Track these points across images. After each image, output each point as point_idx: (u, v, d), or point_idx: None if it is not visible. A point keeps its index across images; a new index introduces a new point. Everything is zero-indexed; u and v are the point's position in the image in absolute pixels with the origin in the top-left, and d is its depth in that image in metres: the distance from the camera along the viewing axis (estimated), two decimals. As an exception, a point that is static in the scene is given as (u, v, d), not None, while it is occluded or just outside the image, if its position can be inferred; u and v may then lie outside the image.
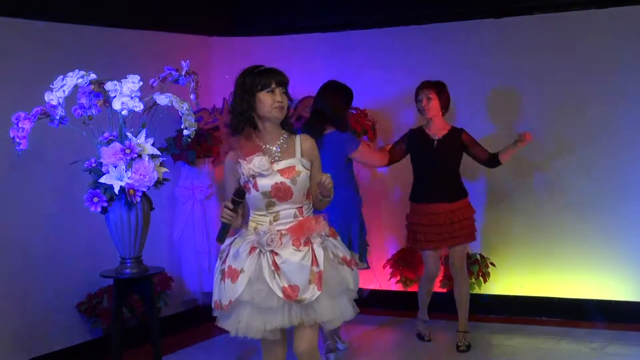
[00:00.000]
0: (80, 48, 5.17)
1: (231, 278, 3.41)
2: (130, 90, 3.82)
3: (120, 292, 4.16)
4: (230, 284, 3.41)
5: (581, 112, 5.81)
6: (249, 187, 3.45)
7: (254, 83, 3.44)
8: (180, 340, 5.62)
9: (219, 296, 3.49)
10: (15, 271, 4.80)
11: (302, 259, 3.38)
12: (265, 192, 3.42)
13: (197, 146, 5.80)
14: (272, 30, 6.52)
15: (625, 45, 5.66)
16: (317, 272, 3.38)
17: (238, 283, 3.39)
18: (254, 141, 3.48)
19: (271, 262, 3.37)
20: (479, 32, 6.04)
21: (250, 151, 3.44)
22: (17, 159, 3.81)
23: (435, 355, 5.25)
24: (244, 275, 3.39)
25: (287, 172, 3.44)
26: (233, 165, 3.49)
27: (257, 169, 3.40)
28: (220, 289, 3.48)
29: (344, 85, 5.16)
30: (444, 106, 5.24)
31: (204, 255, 5.96)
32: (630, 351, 5.19)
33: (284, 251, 3.38)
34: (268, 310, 3.40)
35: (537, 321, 5.88)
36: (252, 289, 3.39)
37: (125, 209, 3.91)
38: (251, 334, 3.47)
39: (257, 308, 3.40)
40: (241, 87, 3.46)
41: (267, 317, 3.41)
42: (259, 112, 3.45)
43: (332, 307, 3.44)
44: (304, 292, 3.36)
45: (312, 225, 3.45)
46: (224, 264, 3.48)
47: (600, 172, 5.76)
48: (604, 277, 5.78)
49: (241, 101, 3.44)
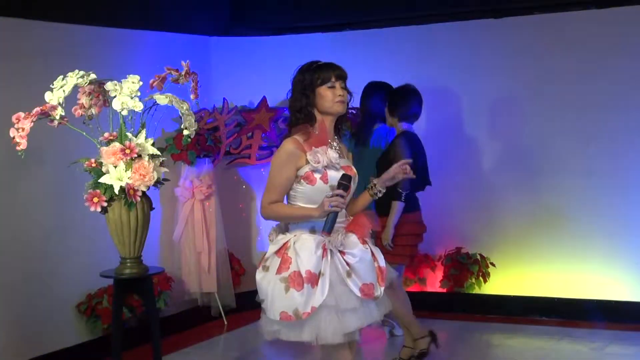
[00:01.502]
0: (80, 48, 5.16)
1: (310, 283, 3.25)
2: (130, 90, 3.82)
3: (120, 292, 4.16)
4: (311, 290, 3.25)
5: (581, 112, 5.82)
6: (312, 178, 3.32)
7: (314, 78, 3.38)
8: (180, 340, 5.62)
9: (289, 306, 3.25)
10: (15, 271, 4.80)
11: (371, 256, 3.37)
12: (332, 185, 3.32)
13: (197, 146, 5.80)
14: (272, 30, 6.53)
15: (626, 45, 5.66)
16: (378, 268, 3.38)
17: (320, 287, 3.25)
18: (316, 136, 3.40)
19: (343, 262, 3.30)
20: (479, 32, 6.05)
21: (315, 144, 3.36)
22: (17, 159, 3.80)
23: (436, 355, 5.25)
24: (324, 279, 3.26)
25: (348, 170, 3.40)
26: (298, 153, 3.33)
27: (333, 160, 3.33)
28: (290, 298, 3.25)
29: (380, 83, 5.30)
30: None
31: (204, 255, 5.96)
32: (630, 351, 5.19)
33: (354, 250, 3.32)
34: (348, 312, 3.30)
35: (537, 321, 5.88)
36: (334, 291, 3.27)
37: (125, 209, 3.91)
38: (330, 339, 3.31)
39: (338, 311, 3.29)
40: (300, 84, 3.40)
41: (348, 318, 3.31)
42: (320, 107, 3.39)
43: (387, 299, 3.47)
44: (377, 290, 3.34)
45: (371, 222, 3.42)
46: (285, 270, 3.29)
47: (600, 172, 5.77)
48: (604, 277, 5.78)
49: (300, 97, 3.38)
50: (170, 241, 5.95)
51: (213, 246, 5.98)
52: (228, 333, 5.92)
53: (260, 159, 6.43)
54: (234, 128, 6.35)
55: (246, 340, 5.77)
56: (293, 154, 3.33)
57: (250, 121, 6.37)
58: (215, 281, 5.98)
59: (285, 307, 3.27)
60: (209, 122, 6.19)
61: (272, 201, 3.35)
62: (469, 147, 6.04)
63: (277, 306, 3.29)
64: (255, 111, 6.38)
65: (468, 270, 5.89)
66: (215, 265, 5.98)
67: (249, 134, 6.40)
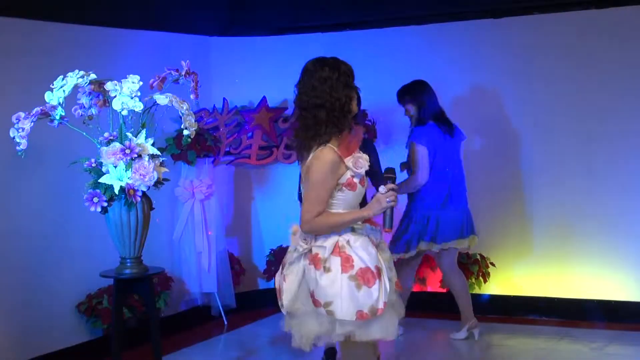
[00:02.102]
0: (80, 48, 5.16)
1: (379, 279, 3.21)
2: (130, 90, 3.82)
3: (120, 292, 4.16)
4: (383, 285, 3.21)
5: (581, 112, 5.82)
6: (354, 184, 3.25)
7: (351, 73, 3.27)
8: (180, 340, 5.62)
9: (364, 304, 3.17)
10: (15, 271, 4.79)
11: None
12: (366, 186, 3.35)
13: (197, 146, 5.80)
14: (272, 30, 6.53)
15: (626, 45, 5.66)
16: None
17: (385, 283, 3.22)
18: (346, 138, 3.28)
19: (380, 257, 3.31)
20: (479, 32, 6.05)
21: (346, 148, 3.26)
22: (17, 159, 3.80)
23: (436, 355, 5.25)
24: (384, 274, 3.24)
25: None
26: (338, 161, 3.21)
27: (367, 163, 3.27)
28: (365, 296, 3.18)
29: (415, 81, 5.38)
30: None
31: (204, 255, 5.95)
32: (630, 351, 5.19)
33: (382, 245, 3.39)
34: (395, 306, 3.33)
35: (537, 321, 5.89)
36: (391, 286, 3.27)
37: (125, 209, 3.91)
38: (393, 335, 3.30)
39: (391, 305, 3.30)
40: (344, 76, 3.24)
41: (396, 313, 3.33)
42: (352, 108, 3.30)
43: None
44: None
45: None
46: (350, 269, 3.21)
47: (600, 172, 5.77)
48: (604, 277, 5.78)
49: (341, 92, 3.22)
50: (170, 241, 5.96)
51: (213, 246, 5.98)
52: (228, 333, 5.92)
53: (260, 159, 6.43)
54: (234, 128, 6.35)
55: (246, 340, 5.77)
56: (336, 164, 3.21)
57: (250, 121, 6.37)
58: (215, 281, 5.98)
59: (361, 305, 3.17)
60: (209, 122, 6.19)
61: (318, 213, 3.21)
62: (468, 147, 6.04)
63: (352, 306, 3.18)
64: (255, 111, 6.38)
65: (468, 270, 5.88)
66: (215, 265, 5.98)
67: (249, 134, 6.40)
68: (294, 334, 3.34)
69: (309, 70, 3.28)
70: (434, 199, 5.24)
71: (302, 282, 3.30)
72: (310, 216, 3.22)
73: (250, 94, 6.43)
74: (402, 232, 5.30)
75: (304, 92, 3.27)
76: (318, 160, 3.21)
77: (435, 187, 5.24)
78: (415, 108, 5.31)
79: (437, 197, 5.24)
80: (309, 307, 3.28)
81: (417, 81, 5.37)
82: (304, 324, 3.29)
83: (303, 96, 3.27)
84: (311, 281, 3.24)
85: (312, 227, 3.24)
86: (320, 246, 3.25)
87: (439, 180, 5.24)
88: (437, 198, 5.24)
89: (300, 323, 3.31)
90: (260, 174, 6.57)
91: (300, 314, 3.30)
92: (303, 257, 3.30)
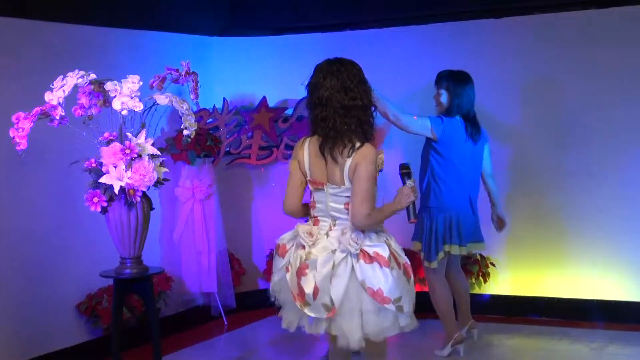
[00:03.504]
0: (80, 48, 5.17)
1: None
2: (130, 90, 3.81)
3: (120, 292, 4.16)
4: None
5: (581, 112, 5.82)
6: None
7: None
8: (180, 340, 5.62)
9: (413, 298, 3.47)
10: (15, 271, 4.80)
11: None
12: None
13: (197, 146, 5.80)
14: (272, 30, 6.53)
15: (626, 46, 5.66)
16: None
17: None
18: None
19: None
20: (479, 32, 6.05)
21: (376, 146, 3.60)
22: (17, 159, 3.80)
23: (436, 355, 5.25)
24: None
25: None
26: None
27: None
28: (411, 290, 3.47)
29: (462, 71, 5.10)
30: None
31: (204, 255, 5.96)
32: (630, 351, 5.19)
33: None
34: None
35: (537, 321, 5.89)
36: None
37: (125, 209, 3.91)
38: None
39: None
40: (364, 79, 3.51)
41: None
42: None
43: None
44: None
45: None
46: (397, 265, 3.43)
47: (600, 171, 5.77)
48: (604, 277, 5.78)
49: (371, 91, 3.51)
50: (170, 241, 5.96)
51: (213, 246, 5.98)
52: (228, 333, 5.92)
53: (260, 159, 6.43)
54: (234, 128, 6.35)
55: (246, 340, 5.77)
56: (377, 159, 3.46)
57: (250, 121, 6.37)
58: (215, 281, 5.98)
59: (413, 298, 3.45)
60: (209, 122, 6.19)
61: (372, 209, 3.36)
62: (468, 147, 6.04)
63: (411, 299, 3.42)
64: (255, 111, 6.38)
65: (468, 270, 5.88)
66: (215, 265, 5.98)
67: (249, 134, 6.40)
68: (344, 334, 3.38)
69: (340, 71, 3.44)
70: (456, 200, 4.99)
71: (351, 281, 3.36)
72: (366, 213, 3.34)
73: (250, 94, 6.43)
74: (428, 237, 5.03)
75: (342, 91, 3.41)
76: (367, 158, 3.36)
77: (458, 189, 4.99)
78: (447, 97, 4.98)
79: (460, 199, 5.00)
80: (358, 306, 3.36)
81: (464, 73, 5.06)
82: (368, 323, 3.37)
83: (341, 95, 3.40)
84: (375, 279, 3.34)
85: (368, 222, 3.36)
86: (375, 245, 3.37)
87: (459, 183, 4.99)
88: (460, 200, 5.00)
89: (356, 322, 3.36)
90: (260, 174, 6.57)
91: (349, 312, 3.37)
92: (351, 256, 3.36)
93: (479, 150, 5.09)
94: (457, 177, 4.97)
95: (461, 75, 5.03)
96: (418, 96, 5.93)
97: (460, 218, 4.97)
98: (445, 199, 4.96)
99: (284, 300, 3.56)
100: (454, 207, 4.97)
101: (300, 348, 5.33)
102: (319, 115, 3.43)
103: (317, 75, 3.47)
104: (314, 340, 5.59)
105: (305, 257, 3.42)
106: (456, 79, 5.00)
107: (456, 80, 4.99)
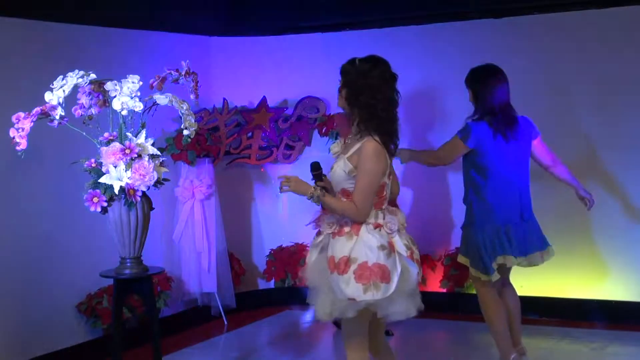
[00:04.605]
0: (80, 48, 5.17)
1: None
2: (130, 90, 3.82)
3: (120, 292, 4.16)
4: None
5: (581, 112, 5.82)
6: None
7: None
8: (180, 340, 5.62)
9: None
10: (15, 271, 4.80)
11: None
12: None
13: (197, 146, 5.80)
14: (272, 30, 6.53)
15: (626, 45, 5.66)
16: None
17: None
18: None
19: None
20: (479, 32, 6.05)
21: None
22: (17, 159, 3.80)
23: (436, 355, 5.25)
24: None
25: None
26: None
27: None
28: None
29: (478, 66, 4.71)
30: None
31: (203, 255, 5.96)
32: (630, 351, 5.19)
33: None
34: None
35: (537, 321, 5.88)
36: None
37: (125, 209, 3.91)
38: None
39: None
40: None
41: None
42: None
43: None
44: None
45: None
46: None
47: (599, 171, 5.77)
48: (604, 277, 5.78)
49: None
50: (170, 241, 5.96)
51: (213, 246, 5.98)
52: (228, 333, 5.92)
53: (260, 159, 6.43)
54: (234, 128, 6.35)
55: (246, 340, 5.77)
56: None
57: (250, 121, 6.37)
58: (215, 281, 5.98)
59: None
60: (209, 122, 6.19)
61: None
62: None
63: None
64: (255, 111, 6.38)
65: (468, 271, 5.87)
66: (215, 265, 5.98)
67: (249, 134, 6.40)
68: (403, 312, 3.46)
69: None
70: (502, 209, 4.56)
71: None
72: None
73: (250, 94, 6.43)
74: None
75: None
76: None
77: (503, 197, 4.56)
78: (472, 97, 4.63)
79: (507, 207, 4.57)
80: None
81: (480, 66, 4.64)
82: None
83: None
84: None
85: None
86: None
87: (504, 190, 4.57)
88: (507, 208, 4.57)
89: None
90: (260, 174, 6.57)
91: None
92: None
93: (523, 147, 4.65)
94: (501, 184, 4.56)
95: (478, 70, 4.63)
96: (418, 96, 5.93)
97: (509, 228, 4.55)
98: (490, 210, 4.55)
99: None
100: (499, 217, 4.54)
101: (300, 348, 5.33)
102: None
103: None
104: (314, 340, 5.60)
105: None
106: (473, 75, 4.64)
107: (472, 77, 4.64)
